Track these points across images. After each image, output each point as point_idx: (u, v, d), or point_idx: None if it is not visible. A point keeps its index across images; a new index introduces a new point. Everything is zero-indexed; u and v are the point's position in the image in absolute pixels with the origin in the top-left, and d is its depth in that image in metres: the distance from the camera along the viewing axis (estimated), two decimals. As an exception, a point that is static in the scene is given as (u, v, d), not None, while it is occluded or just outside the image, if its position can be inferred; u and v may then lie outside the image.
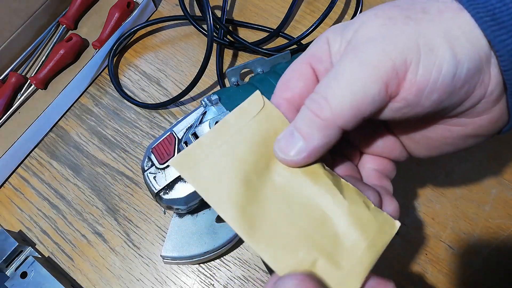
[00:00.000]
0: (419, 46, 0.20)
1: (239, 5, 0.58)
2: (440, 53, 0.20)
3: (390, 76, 0.20)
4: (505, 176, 0.46)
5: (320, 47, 0.24)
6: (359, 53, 0.21)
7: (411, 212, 0.45)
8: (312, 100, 0.22)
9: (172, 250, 0.41)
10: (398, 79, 0.21)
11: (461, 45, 0.20)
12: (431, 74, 0.21)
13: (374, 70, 0.20)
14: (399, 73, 0.21)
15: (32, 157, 0.51)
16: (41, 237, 0.47)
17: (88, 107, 0.53)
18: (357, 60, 0.21)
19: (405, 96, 0.21)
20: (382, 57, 0.20)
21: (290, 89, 0.25)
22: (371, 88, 0.21)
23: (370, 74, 0.20)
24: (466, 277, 0.42)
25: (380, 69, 0.20)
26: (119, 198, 0.48)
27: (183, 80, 0.53)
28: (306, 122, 0.22)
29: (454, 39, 0.20)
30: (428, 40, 0.20)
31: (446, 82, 0.21)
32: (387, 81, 0.21)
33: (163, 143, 0.39)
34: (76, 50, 0.54)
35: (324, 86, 0.22)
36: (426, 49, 0.20)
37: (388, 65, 0.20)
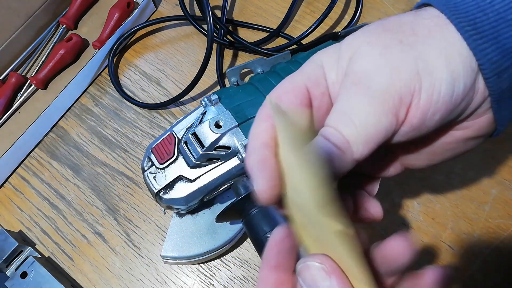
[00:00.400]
0: (419, 72, 0.21)
1: (239, 5, 0.58)
2: (438, 75, 0.21)
3: (398, 108, 0.21)
4: (505, 176, 0.46)
5: (316, 71, 0.24)
6: (365, 87, 0.21)
7: (411, 212, 0.45)
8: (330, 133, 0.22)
9: (172, 250, 0.41)
10: (406, 108, 0.21)
11: (455, 62, 0.21)
12: (432, 97, 0.21)
13: (384, 104, 0.21)
14: (406, 102, 0.21)
15: (32, 157, 0.51)
16: (41, 237, 0.47)
17: (88, 107, 0.53)
18: (365, 95, 0.21)
19: (410, 120, 0.22)
20: (389, 91, 0.21)
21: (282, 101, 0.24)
22: (384, 121, 0.21)
23: (381, 109, 0.21)
24: (466, 277, 0.42)
25: (389, 103, 0.21)
26: (119, 198, 0.48)
27: (183, 80, 0.53)
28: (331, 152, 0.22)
29: (448, 58, 0.21)
30: (426, 64, 0.21)
31: (446, 101, 0.21)
32: (396, 113, 0.21)
33: (163, 143, 0.39)
34: (76, 50, 0.54)
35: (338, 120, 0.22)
36: (425, 73, 0.21)
37: (396, 98, 0.21)
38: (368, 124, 0.21)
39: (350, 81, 0.22)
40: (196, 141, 0.37)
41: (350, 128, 0.21)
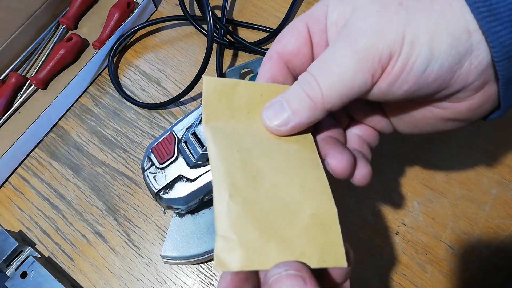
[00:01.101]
0: (403, 39, 0.21)
1: (239, 5, 0.58)
2: (418, 47, 0.21)
3: (376, 67, 0.22)
4: (505, 176, 0.46)
5: (319, 10, 0.26)
6: (352, 42, 0.22)
7: (411, 212, 0.45)
8: (306, 81, 0.24)
9: (172, 250, 0.41)
10: (382, 69, 0.22)
11: (441, 40, 0.21)
12: (405, 67, 0.22)
13: (364, 62, 0.22)
14: (383, 65, 0.22)
15: (32, 157, 0.51)
16: (41, 237, 0.47)
17: (88, 107, 0.53)
18: (350, 50, 0.22)
19: (381, 85, 0.23)
20: (371, 50, 0.22)
21: (283, 44, 0.26)
22: (359, 78, 0.22)
23: (360, 65, 0.22)
24: (466, 277, 0.42)
25: (369, 61, 0.22)
26: (119, 198, 0.48)
27: (183, 80, 0.53)
28: (297, 99, 0.24)
29: (436, 34, 0.21)
30: (412, 33, 0.21)
31: (416, 75, 0.22)
32: (373, 72, 0.22)
33: (163, 142, 0.39)
34: (76, 50, 0.54)
35: (318, 70, 0.23)
36: (408, 42, 0.21)
37: (376, 58, 0.22)
38: (345, 77, 0.22)
39: (342, 34, 0.23)
40: (196, 141, 0.37)
41: (327, 77, 0.23)
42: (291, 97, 0.24)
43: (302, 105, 0.24)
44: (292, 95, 0.24)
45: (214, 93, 0.24)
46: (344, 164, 0.25)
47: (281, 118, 0.24)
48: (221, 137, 0.23)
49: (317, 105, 0.23)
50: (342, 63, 0.22)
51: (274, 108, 0.24)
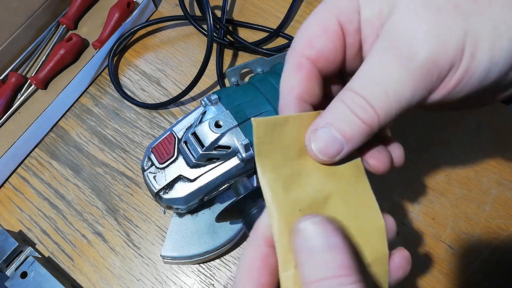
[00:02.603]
0: (464, 50, 0.20)
1: (239, 5, 0.58)
2: (479, 57, 0.20)
3: (435, 83, 0.20)
4: (505, 176, 0.46)
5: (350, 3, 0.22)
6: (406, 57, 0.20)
7: (411, 212, 0.45)
8: (356, 104, 0.21)
9: (172, 250, 0.41)
10: (440, 83, 0.21)
11: (501, 46, 0.20)
12: (463, 78, 0.20)
13: (423, 79, 0.20)
14: (442, 78, 0.20)
15: (32, 157, 0.51)
16: (41, 237, 0.47)
17: (88, 107, 0.53)
18: (405, 67, 0.20)
19: (435, 96, 0.21)
20: (432, 66, 0.20)
21: (316, 48, 0.22)
22: (417, 95, 0.20)
23: (419, 83, 0.20)
24: (466, 277, 0.42)
25: (428, 78, 0.20)
26: (119, 198, 0.48)
27: (183, 80, 0.53)
28: (349, 125, 0.21)
29: (496, 39, 0.20)
30: (473, 43, 0.20)
31: (475, 84, 0.20)
32: (431, 89, 0.20)
33: (163, 142, 0.39)
34: (76, 50, 0.54)
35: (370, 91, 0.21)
36: (468, 53, 0.20)
37: (435, 74, 0.20)
38: (403, 98, 0.20)
39: (389, 43, 0.20)
40: (196, 141, 0.37)
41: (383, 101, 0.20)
42: (341, 123, 0.21)
43: (356, 132, 0.21)
44: (341, 120, 0.21)
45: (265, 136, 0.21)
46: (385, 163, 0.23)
47: (334, 149, 0.21)
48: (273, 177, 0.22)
49: (373, 129, 0.21)
50: (399, 83, 0.20)
51: (323, 139, 0.21)
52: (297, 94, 0.23)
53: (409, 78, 0.20)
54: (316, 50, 0.22)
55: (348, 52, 0.23)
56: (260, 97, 0.40)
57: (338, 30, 0.22)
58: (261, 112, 0.38)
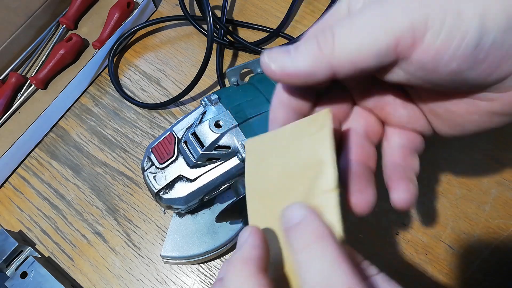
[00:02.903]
0: (446, 7, 0.19)
1: (239, 5, 0.58)
2: (467, 18, 0.19)
3: (404, 33, 0.19)
4: (505, 176, 0.46)
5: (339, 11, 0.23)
6: (384, 3, 0.20)
7: (411, 212, 0.45)
8: (322, 31, 0.21)
9: (172, 250, 0.41)
10: (413, 38, 0.19)
11: (494, 12, 0.19)
12: (453, 40, 0.19)
13: (389, 22, 0.19)
14: (415, 33, 0.19)
15: (32, 157, 0.51)
16: (41, 237, 0.47)
17: (88, 107, 0.53)
18: (379, 9, 0.20)
19: (421, 58, 0.20)
20: (402, 12, 0.19)
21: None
22: (380, 40, 0.20)
23: (384, 25, 0.20)
24: (466, 277, 0.42)
25: (395, 23, 0.19)
26: (119, 198, 0.48)
27: (183, 80, 0.53)
28: (306, 46, 0.21)
29: (487, 6, 0.19)
30: (458, 3, 0.19)
31: (467, 51, 0.19)
32: (399, 37, 0.19)
33: (163, 142, 0.39)
34: (76, 50, 0.54)
35: (339, 23, 0.21)
36: (453, 11, 0.19)
37: (405, 22, 0.19)
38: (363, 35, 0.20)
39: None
40: (196, 141, 0.37)
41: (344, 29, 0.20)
42: (301, 42, 0.22)
43: (307, 52, 0.21)
44: (303, 42, 0.22)
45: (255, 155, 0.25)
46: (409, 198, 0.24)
47: (280, 60, 0.22)
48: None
49: (323, 57, 0.21)
50: (366, 20, 0.20)
51: (279, 50, 0.22)
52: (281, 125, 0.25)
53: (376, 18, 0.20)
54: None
55: None
56: (260, 97, 0.40)
57: None
58: (261, 112, 0.38)
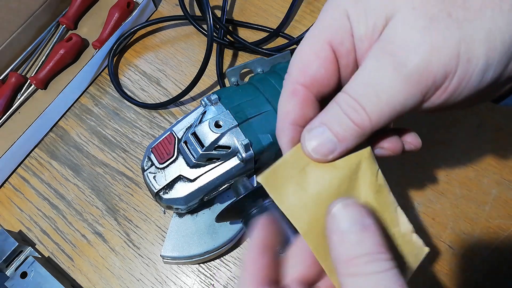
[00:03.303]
0: (459, 57, 0.20)
1: (239, 5, 0.58)
2: (474, 62, 0.20)
3: (429, 88, 0.21)
4: (505, 176, 0.46)
5: (340, 24, 0.23)
6: (400, 63, 0.20)
7: (411, 212, 0.45)
8: (350, 106, 0.21)
9: (172, 250, 0.41)
10: (435, 89, 0.21)
11: (495, 49, 0.20)
12: (461, 83, 0.21)
13: (416, 85, 0.20)
14: (437, 85, 0.21)
15: (32, 157, 0.51)
16: (41, 237, 0.47)
17: (88, 107, 0.53)
18: (398, 73, 0.20)
19: (434, 100, 0.22)
20: (424, 73, 0.20)
21: (309, 75, 0.23)
22: (411, 101, 0.21)
23: (412, 89, 0.20)
24: (466, 277, 0.42)
25: (421, 84, 0.20)
26: (119, 198, 0.48)
27: (183, 80, 0.53)
28: (342, 126, 0.22)
29: (490, 45, 0.20)
30: (467, 49, 0.20)
31: (472, 87, 0.21)
32: (426, 93, 0.21)
33: (163, 142, 0.39)
34: (76, 50, 0.54)
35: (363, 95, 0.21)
36: (464, 59, 0.20)
37: (429, 80, 0.20)
38: (395, 103, 0.21)
39: (383, 50, 0.21)
40: (196, 141, 0.37)
41: (375, 105, 0.21)
42: (334, 123, 0.22)
43: (349, 133, 0.22)
44: (335, 121, 0.22)
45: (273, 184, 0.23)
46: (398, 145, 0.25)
47: (327, 148, 0.22)
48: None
49: (365, 131, 0.22)
50: (391, 88, 0.21)
51: (317, 138, 0.22)
52: (291, 120, 0.24)
53: (401, 83, 0.20)
54: (310, 76, 0.23)
55: (343, 72, 0.24)
56: (260, 97, 0.40)
57: (330, 54, 0.23)
58: (261, 112, 0.38)
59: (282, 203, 0.22)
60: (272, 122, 0.38)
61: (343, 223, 0.20)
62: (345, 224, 0.20)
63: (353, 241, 0.19)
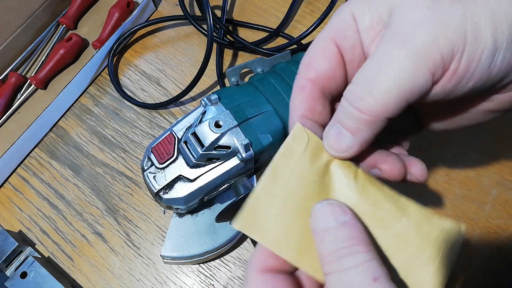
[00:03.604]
0: (466, 34, 0.20)
1: (239, 5, 0.58)
2: (483, 41, 0.20)
3: (437, 66, 0.20)
4: (505, 176, 0.46)
5: (345, 22, 0.23)
6: (406, 40, 0.20)
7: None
8: (354, 95, 0.21)
9: (172, 250, 0.41)
10: (444, 68, 0.20)
11: (502, 31, 0.20)
12: (471, 63, 0.20)
13: (424, 60, 0.20)
14: (445, 63, 0.20)
15: (32, 157, 0.51)
16: (41, 237, 0.47)
17: (88, 107, 0.53)
18: (405, 49, 0.20)
19: (444, 83, 0.21)
20: (431, 47, 0.20)
21: (314, 69, 0.24)
22: (419, 79, 0.20)
23: (419, 64, 0.20)
24: (466, 277, 0.42)
25: (429, 59, 0.20)
26: (119, 198, 0.48)
27: (183, 80, 0.53)
28: (352, 119, 0.22)
29: (497, 25, 0.20)
30: (474, 27, 0.20)
31: (482, 70, 0.21)
32: (434, 71, 0.20)
33: (162, 142, 0.39)
34: (76, 50, 0.54)
35: (368, 78, 0.21)
36: (472, 37, 0.20)
37: (437, 56, 0.20)
38: (403, 80, 0.20)
39: (389, 35, 0.21)
40: (196, 141, 0.36)
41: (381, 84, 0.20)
42: (343, 117, 0.22)
43: (359, 123, 0.21)
44: (343, 115, 0.22)
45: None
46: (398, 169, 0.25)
47: (343, 144, 0.22)
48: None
49: (377, 118, 0.21)
50: (398, 64, 0.20)
51: (332, 135, 0.23)
52: (300, 113, 0.24)
53: (407, 59, 0.20)
54: (314, 70, 0.24)
55: (349, 67, 0.24)
56: (260, 97, 0.40)
57: (334, 49, 0.23)
58: (261, 112, 0.38)
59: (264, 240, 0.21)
60: (272, 122, 0.38)
61: (321, 223, 0.20)
62: (322, 223, 0.20)
63: (330, 238, 0.20)
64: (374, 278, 0.18)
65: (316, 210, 0.21)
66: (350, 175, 0.23)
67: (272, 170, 0.22)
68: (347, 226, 0.20)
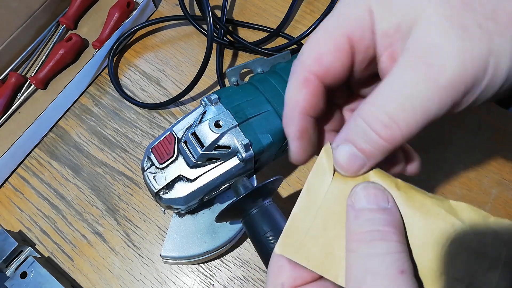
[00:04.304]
0: (488, 69, 0.20)
1: (239, 5, 0.58)
2: (499, 73, 0.20)
3: (461, 97, 0.21)
4: (505, 176, 0.46)
5: (362, 20, 0.22)
6: (436, 73, 0.20)
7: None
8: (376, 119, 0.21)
9: (172, 250, 0.41)
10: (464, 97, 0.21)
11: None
12: (485, 94, 0.21)
13: (451, 93, 0.20)
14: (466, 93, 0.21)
15: (32, 157, 0.51)
16: (41, 237, 0.47)
17: (88, 107, 0.53)
18: (435, 82, 0.20)
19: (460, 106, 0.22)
20: (460, 84, 0.20)
21: (325, 66, 0.23)
22: (443, 110, 0.21)
23: (446, 97, 0.20)
24: (466, 277, 0.42)
25: (454, 93, 0.20)
26: (119, 198, 0.48)
27: (183, 80, 0.53)
28: (370, 143, 0.21)
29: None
30: (495, 62, 0.20)
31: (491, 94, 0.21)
32: (457, 103, 0.21)
33: (162, 142, 0.39)
34: (76, 50, 0.54)
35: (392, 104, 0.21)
36: (491, 71, 0.20)
37: (461, 90, 0.20)
38: (431, 112, 0.20)
39: (415, 58, 0.21)
40: (196, 141, 0.36)
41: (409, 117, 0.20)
42: (360, 141, 0.21)
43: (378, 150, 0.21)
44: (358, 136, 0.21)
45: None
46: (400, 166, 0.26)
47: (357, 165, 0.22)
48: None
49: (396, 146, 0.21)
50: (427, 99, 0.20)
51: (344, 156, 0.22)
52: (301, 109, 0.23)
53: (437, 93, 0.20)
54: (325, 67, 0.23)
55: (357, 67, 0.24)
56: (260, 97, 0.40)
57: (348, 49, 0.22)
58: (261, 112, 0.38)
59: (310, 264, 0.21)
60: (272, 122, 0.38)
61: (361, 201, 0.20)
62: (362, 202, 0.20)
63: (367, 217, 0.20)
64: (401, 271, 0.18)
65: (359, 188, 0.21)
66: (392, 185, 0.22)
67: (307, 190, 0.22)
68: (387, 212, 0.20)
